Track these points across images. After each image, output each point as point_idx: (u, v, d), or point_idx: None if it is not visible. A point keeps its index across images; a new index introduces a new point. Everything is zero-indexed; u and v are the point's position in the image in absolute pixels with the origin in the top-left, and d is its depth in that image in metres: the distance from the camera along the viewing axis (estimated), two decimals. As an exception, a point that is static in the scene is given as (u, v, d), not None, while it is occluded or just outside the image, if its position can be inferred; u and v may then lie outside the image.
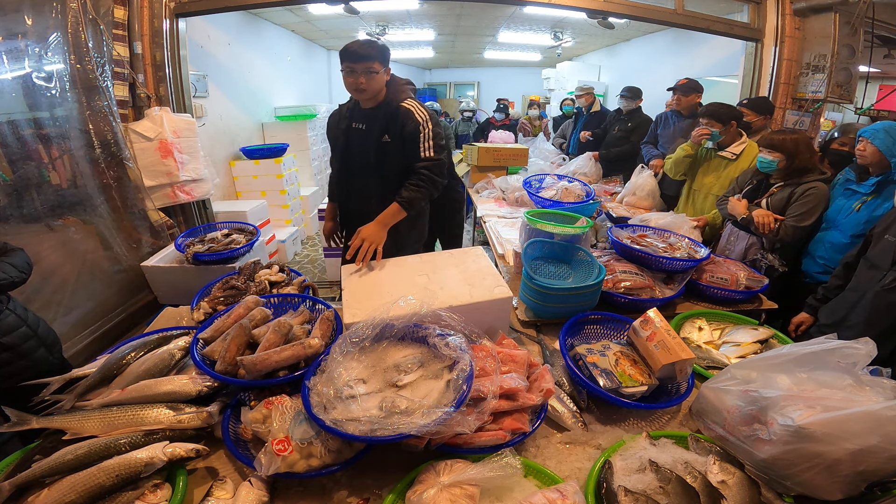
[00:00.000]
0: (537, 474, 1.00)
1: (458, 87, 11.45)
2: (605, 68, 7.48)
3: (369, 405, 1.00)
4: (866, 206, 1.95)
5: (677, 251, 1.90)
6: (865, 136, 1.92)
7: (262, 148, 4.45)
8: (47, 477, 0.93)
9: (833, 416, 0.85)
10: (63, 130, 2.36)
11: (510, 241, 2.45)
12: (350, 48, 1.77)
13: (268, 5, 3.66)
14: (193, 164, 2.95)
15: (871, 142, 1.88)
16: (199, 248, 2.42)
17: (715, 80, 4.53)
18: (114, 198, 2.60)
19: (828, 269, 2.06)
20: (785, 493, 0.93)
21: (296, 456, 0.94)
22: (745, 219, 2.14)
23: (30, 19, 2.22)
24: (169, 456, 0.95)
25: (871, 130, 1.91)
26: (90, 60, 2.42)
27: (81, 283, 2.36)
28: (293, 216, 4.68)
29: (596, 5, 3.32)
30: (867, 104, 3.58)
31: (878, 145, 1.86)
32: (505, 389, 1.05)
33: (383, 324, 1.16)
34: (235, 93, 4.49)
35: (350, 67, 1.79)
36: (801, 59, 3.38)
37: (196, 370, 1.20)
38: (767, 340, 1.48)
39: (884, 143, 1.85)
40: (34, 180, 2.20)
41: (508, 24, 5.85)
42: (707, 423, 1.10)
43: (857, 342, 0.97)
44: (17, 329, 1.53)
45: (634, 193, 3.07)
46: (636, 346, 1.33)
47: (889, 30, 3.52)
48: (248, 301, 1.40)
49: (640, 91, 3.97)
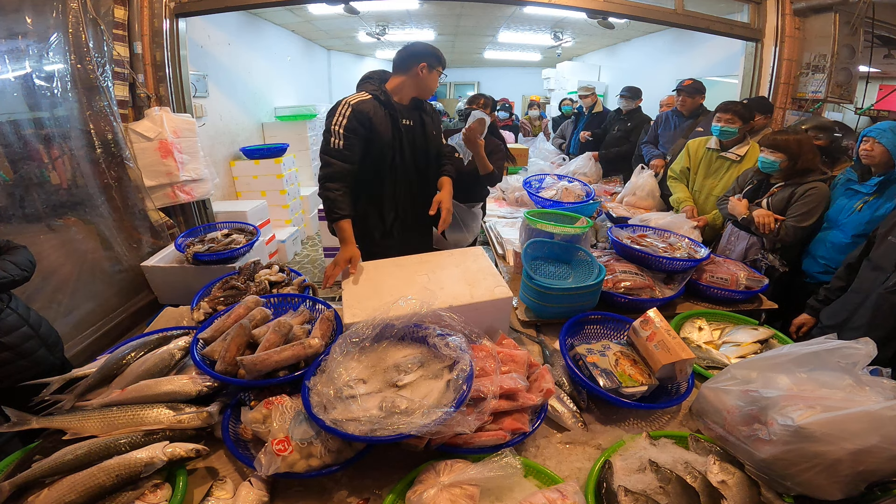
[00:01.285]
0: (537, 474, 1.00)
1: (458, 87, 11.45)
2: (605, 68, 7.48)
3: (369, 405, 1.00)
4: (868, 206, 1.95)
5: (677, 251, 1.90)
6: (872, 136, 1.90)
7: (262, 148, 4.45)
8: (47, 477, 0.93)
9: (833, 416, 0.85)
10: (64, 130, 2.36)
11: (510, 241, 2.45)
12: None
13: (268, 5, 3.66)
14: (193, 164, 2.95)
15: (879, 141, 1.87)
16: (199, 248, 2.42)
17: (715, 80, 4.52)
18: (114, 198, 2.60)
19: (828, 270, 2.05)
20: (785, 493, 0.93)
21: (296, 456, 0.94)
22: (746, 219, 2.14)
23: (30, 19, 2.22)
24: (169, 456, 0.95)
25: (877, 130, 1.90)
26: (91, 60, 2.42)
27: (82, 282, 2.36)
28: (293, 216, 4.68)
29: (596, 5, 3.32)
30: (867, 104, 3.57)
31: (885, 144, 1.85)
32: (505, 389, 1.05)
33: (383, 324, 1.16)
34: (235, 93, 4.49)
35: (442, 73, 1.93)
36: (801, 59, 3.38)
37: (196, 370, 1.20)
38: (767, 340, 1.48)
39: (891, 142, 1.84)
40: (34, 180, 2.20)
41: (508, 24, 5.84)
42: (707, 423, 1.10)
43: (857, 342, 0.97)
44: (18, 329, 1.53)
45: (634, 193, 3.07)
46: (636, 346, 1.33)
47: (889, 30, 3.52)
48: (248, 301, 1.40)
49: (640, 91, 3.98)
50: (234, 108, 4.49)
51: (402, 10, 5.13)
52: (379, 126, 1.78)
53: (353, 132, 1.73)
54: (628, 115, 3.99)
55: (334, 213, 1.72)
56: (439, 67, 1.89)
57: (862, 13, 3.08)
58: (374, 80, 1.89)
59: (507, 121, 5.76)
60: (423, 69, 1.82)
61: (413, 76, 1.83)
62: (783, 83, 3.42)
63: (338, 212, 1.72)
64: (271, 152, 4.42)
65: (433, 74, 1.88)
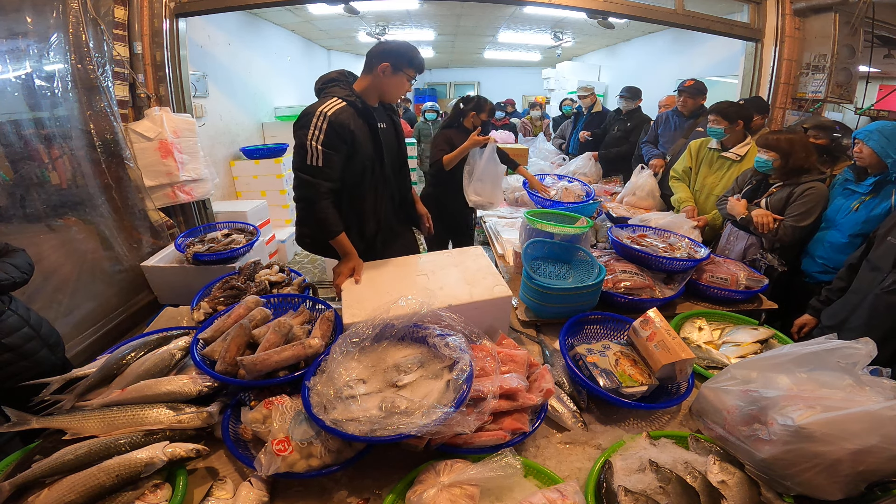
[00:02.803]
0: (537, 474, 1.00)
1: (458, 87, 11.45)
2: (605, 68, 7.48)
3: (369, 405, 1.00)
4: (864, 206, 1.95)
5: (677, 251, 1.90)
6: (860, 139, 1.91)
7: (262, 148, 4.45)
8: (47, 477, 0.93)
9: (833, 416, 0.85)
10: (64, 130, 2.36)
11: (510, 241, 2.45)
12: (421, 60, 1.70)
13: (268, 5, 3.66)
14: (193, 164, 2.95)
15: (867, 143, 1.88)
16: (199, 248, 2.42)
17: (715, 80, 4.52)
18: (114, 198, 2.60)
19: (827, 269, 2.05)
20: (785, 493, 0.93)
21: (296, 456, 0.94)
22: (745, 219, 2.14)
23: (31, 19, 2.22)
24: (169, 456, 0.95)
25: (865, 132, 1.90)
26: (91, 60, 2.42)
27: (82, 283, 2.36)
28: (293, 216, 4.67)
29: (596, 5, 3.32)
30: (867, 104, 3.57)
31: (873, 147, 1.85)
32: (505, 389, 1.05)
33: (383, 324, 1.16)
34: (235, 93, 4.49)
35: (414, 77, 1.73)
36: (801, 59, 3.38)
37: (196, 370, 1.20)
38: (767, 340, 1.48)
39: (878, 145, 1.84)
40: (35, 180, 2.20)
41: (508, 24, 5.85)
42: (707, 423, 1.10)
43: (857, 342, 0.97)
44: (19, 329, 1.53)
45: (634, 193, 3.07)
46: (636, 346, 1.33)
47: (889, 30, 3.52)
48: (248, 301, 1.40)
49: (640, 91, 3.97)
50: (234, 108, 4.49)
51: (402, 10, 5.13)
52: (360, 138, 1.63)
53: (334, 149, 1.57)
54: (628, 115, 3.99)
55: (331, 231, 1.63)
56: (409, 70, 1.68)
57: (862, 13, 3.08)
58: (342, 82, 1.70)
59: (503, 120, 5.76)
60: (385, 70, 1.64)
61: (375, 77, 1.67)
62: (783, 83, 3.42)
63: (333, 230, 1.62)
64: (271, 152, 4.42)
65: (398, 77, 1.67)
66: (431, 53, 8.12)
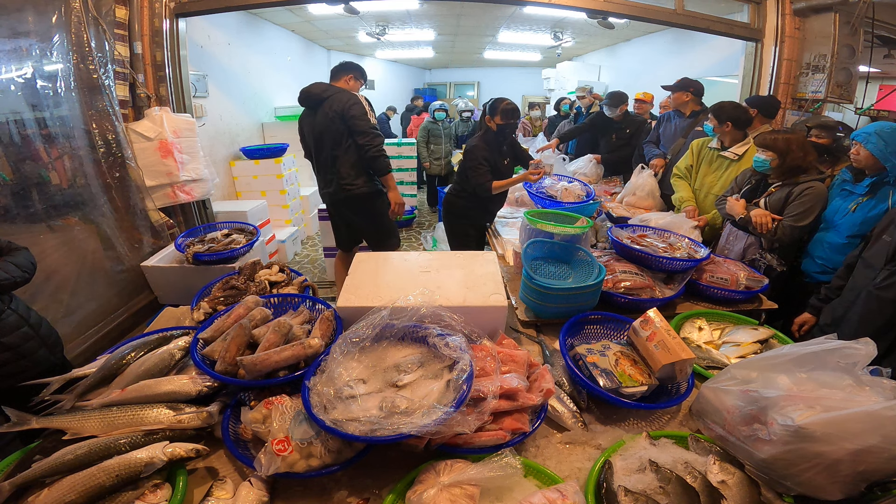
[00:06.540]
0: (537, 474, 1.00)
1: (458, 87, 11.46)
2: (605, 68, 7.48)
3: (369, 405, 1.00)
4: (861, 207, 1.96)
5: (677, 251, 1.90)
6: (858, 140, 1.91)
7: (262, 148, 4.46)
8: (47, 477, 0.93)
9: (833, 416, 0.85)
10: (65, 130, 2.36)
11: (510, 241, 2.45)
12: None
13: (268, 5, 3.67)
14: (193, 164, 2.95)
15: (864, 146, 1.87)
16: (199, 248, 2.42)
17: (715, 80, 4.52)
18: (115, 198, 2.60)
19: (826, 269, 2.06)
20: (785, 493, 0.93)
21: (296, 456, 0.94)
22: (743, 219, 2.14)
23: (32, 19, 2.22)
24: (169, 456, 0.95)
25: (863, 134, 1.89)
26: (92, 60, 2.42)
27: (82, 283, 2.36)
28: (293, 216, 4.68)
29: (596, 5, 3.32)
30: (867, 104, 3.57)
31: (871, 150, 1.85)
32: (505, 389, 1.05)
33: (383, 324, 1.16)
34: (235, 93, 4.49)
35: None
36: (801, 59, 3.38)
37: (196, 370, 1.20)
38: (767, 340, 1.48)
39: (876, 147, 1.84)
40: (35, 180, 2.20)
41: (508, 24, 5.85)
42: (707, 423, 1.10)
43: (857, 342, 0.97)
44: (18, 329, 1.53)
45: (634, 193, 3.07)
46: (636, 346, 1.33)
47: (889, 30, 3.52)
48: (248, 301, 1.40)
49: (624, 95, 3.87)
50: (234, 108, 4.49)
51: (402, 11, 5.14)
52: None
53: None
54: (625, 121, 3.94)
55: (391, 166, 2.62)
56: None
57: (862, 13, 3.08)
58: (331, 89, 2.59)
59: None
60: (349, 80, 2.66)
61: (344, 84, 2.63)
62: (783, 83, 3.42)
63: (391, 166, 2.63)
64: (271, 152, 4.42)
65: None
66: (431, 53, 8.12)
